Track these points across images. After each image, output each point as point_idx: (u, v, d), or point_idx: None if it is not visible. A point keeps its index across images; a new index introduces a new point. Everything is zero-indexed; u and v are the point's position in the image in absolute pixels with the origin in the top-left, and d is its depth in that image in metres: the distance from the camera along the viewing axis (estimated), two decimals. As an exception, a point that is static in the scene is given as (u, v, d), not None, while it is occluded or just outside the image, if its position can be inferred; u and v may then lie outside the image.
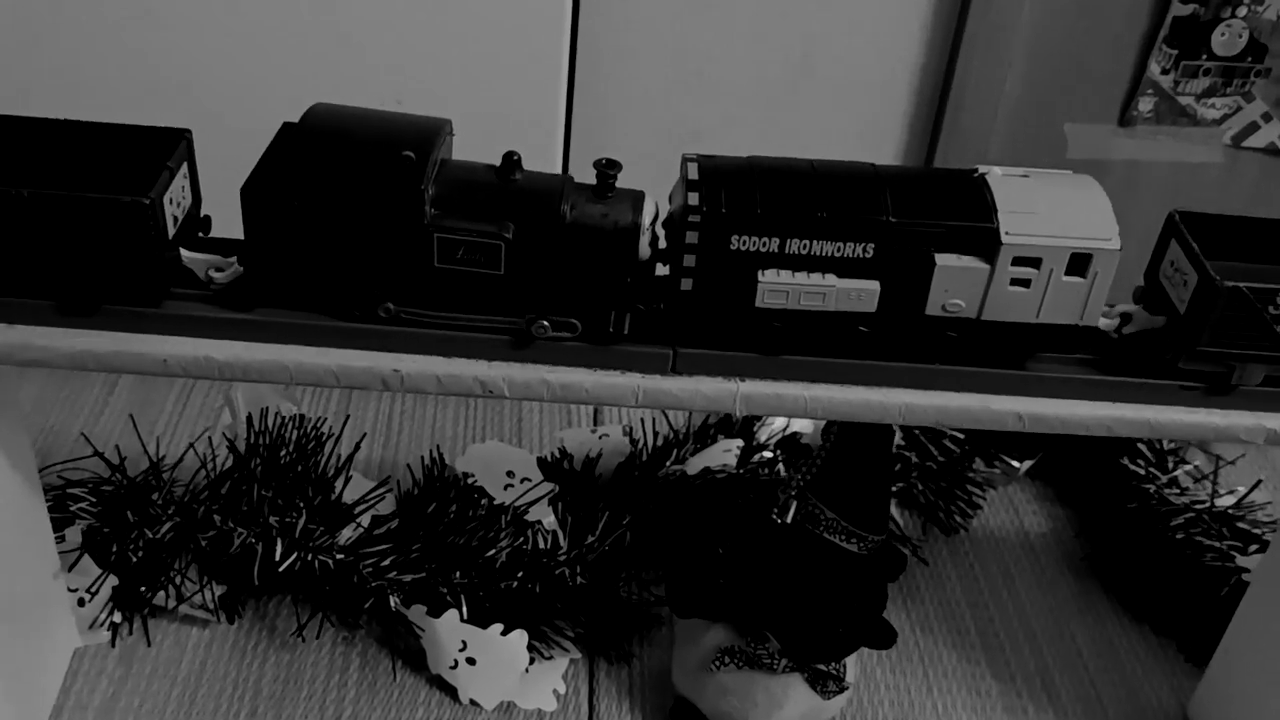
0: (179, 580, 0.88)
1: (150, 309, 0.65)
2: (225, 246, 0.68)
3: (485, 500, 0.93)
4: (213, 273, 0.67)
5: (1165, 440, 1.07)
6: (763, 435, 1.06)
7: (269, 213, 0.64)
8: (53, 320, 0.65)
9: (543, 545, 0.91)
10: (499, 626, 0.85)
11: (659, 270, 0.67)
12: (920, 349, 0.67)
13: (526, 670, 0.86)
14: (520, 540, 0.90)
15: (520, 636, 0.85)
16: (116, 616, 0.88)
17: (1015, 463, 1.10)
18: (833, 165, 0.67)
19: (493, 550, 0.89)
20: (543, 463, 1.00)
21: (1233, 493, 1.03)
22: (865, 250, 0.64)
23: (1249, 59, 1.14)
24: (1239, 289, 0.64)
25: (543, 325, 0.65)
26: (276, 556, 0.86)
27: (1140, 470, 1.05)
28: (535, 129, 1.12)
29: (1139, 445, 1.07)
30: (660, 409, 0.91)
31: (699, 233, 0.64)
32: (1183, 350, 0.67)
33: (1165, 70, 1.14)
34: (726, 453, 1.01)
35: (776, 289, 0.65)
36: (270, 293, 0.66)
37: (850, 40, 1.17)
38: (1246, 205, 1.21)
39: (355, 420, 1.10)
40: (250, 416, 0.92)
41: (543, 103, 1.12)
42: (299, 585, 0.89)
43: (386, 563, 0.87)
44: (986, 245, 0.64)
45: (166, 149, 0.66)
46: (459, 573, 0.87)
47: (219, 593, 0.89)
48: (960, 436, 1.07)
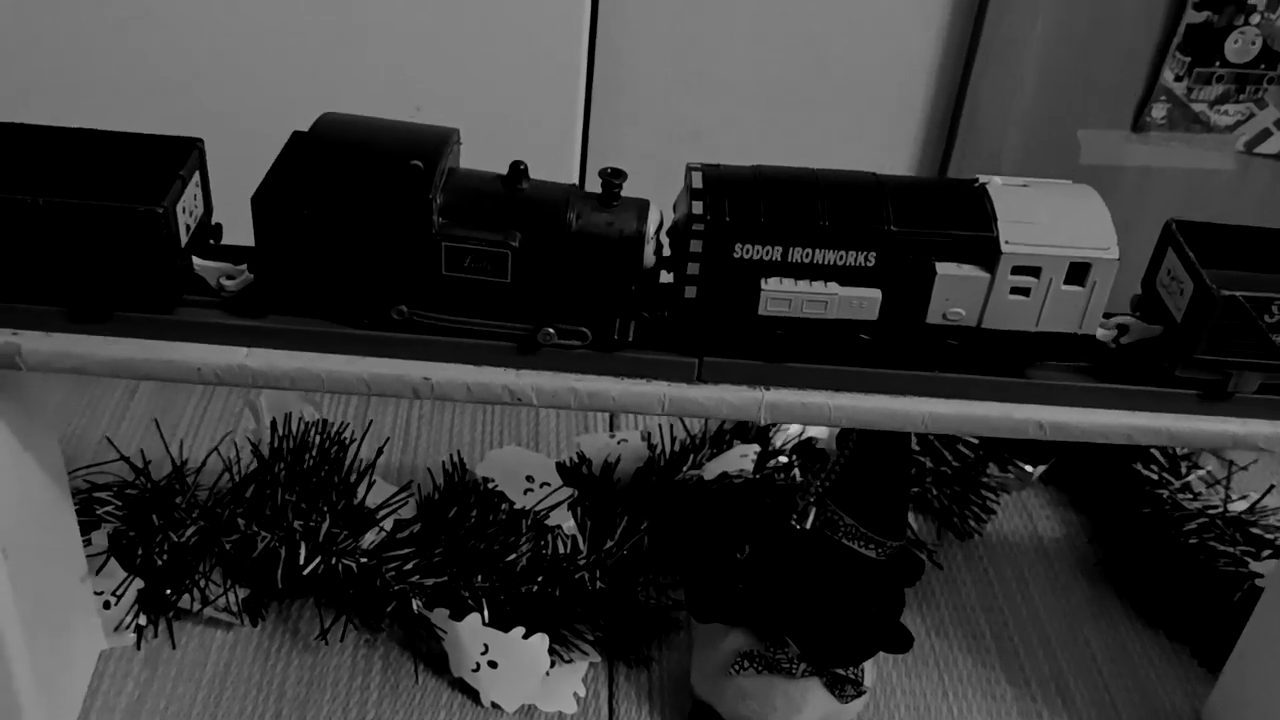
0: (203, 583, 0.89)
1: (165, 316, 0.66)
2: (236, 254, 0.69)
3: (506, 505, 0.94)
4: (224, 280, 0.68)
5: (1179, 445, 1.08)
6: (778, 440, 1.07)
7: (280, 221, 0.64)
8: (73, 328, 0.65)
9: (563, 550, 0.92)
10: (521, 630, 0.85)
11: (663, 277, 0.68)
12: (921, 357, 0.68)
13: (547, 673, 0.87)
14: (540, 545, 0.91)
15: (542, 640, 0.86)
16: (141, 619, 0.89)
17: (1028, 467, 1.11)
18: (835, 175, 0.67)
19: (514, 555, 0.89)
20: (561, 467, 1.01)
21: (1244, 498, 1.04)
22: (867, 259, 0.65)
23: (1262, 66, 1.15)
24: (1235, 298, 0.65)
25: (548, 332, 0.66)
26: (301, 560, 0.86)
27: (1153, 475, 1.06)
28: (553, 134, 1.13)
29: (1152, 450, 1.08)
30: (685, 417, 0.91)
31: (703, 241, 0.64)
32: (1180, 358, 0.68)
33: (1179, 77, 1.15)
34: (743, 458, 1.02)
35: (779, 297, 0.65)
36: (281, 300, 0.67)
37: (866, 49, 1.17)
38: (1258, 211, 1.22)
39: (374, 425, 1.11)
40: (274, 421, 0.93)
41: (560, 108, 1.12)
42: (322, 588, 0.90)
43: (409, 566, 0.88)
44: (987, 254, 0.65)
45: (179, 158, 0.67)
46: (480, 576, 0.88)
47: (242, 596, 0.90)
48: (974, 441, 1.07)
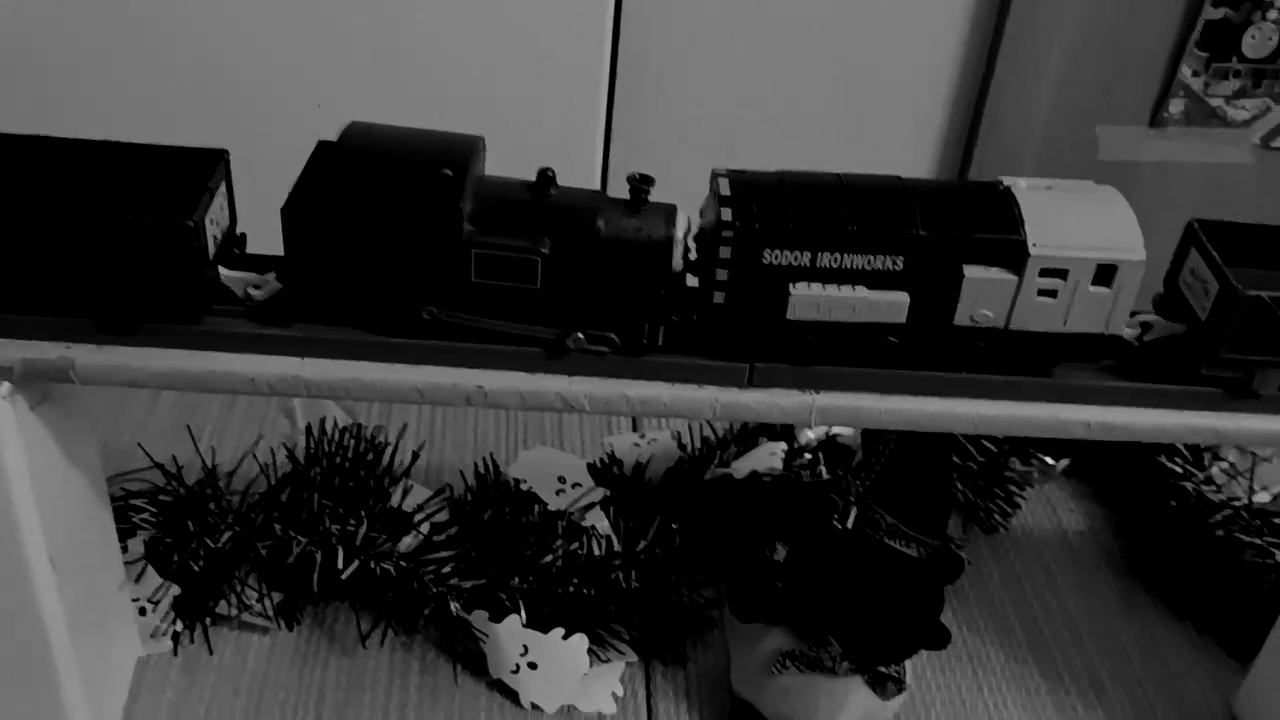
0: (240, 588, 0.89)
1: (197, 326, 0.66)
2: (260, 263, 0.69)
3: (539, 506, 0.94)
4: (251, 290, 0.68)
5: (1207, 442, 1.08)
6: (802, 438, 1.07)
7: (310, 231, 0.64)
8: (122, 341, 0.65)
9: (597, 551, 0.92)
10: (560, 631, 0.86)
11: (689, 282, 0.68)
12: (948, 359, 0.68)
13: (584, 674, 0.87)
14: (575, 545, 0.91)
15: (581, 640, 0.86)
16: (178, 625, 0.89)
17: (1051, 461, 1.11)
18: (861, 179, 0.67)
19: (549, 556, 0.90)
20: (592, 468, 1.01)
21: (1266, 489, 1.05)
22: (895, 263, 0.65)
23: (1278, 61, 1.15)
24: (1261, 298, 0.66)
25: (578, 337, 0.66)
26: (339, 564, 0.87)
27: (1178, 468, 1.06)
28: (576, 140, 1.14)
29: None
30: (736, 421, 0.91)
31: (732, 247, 0.65)
32: (1205, 357, 0.69)
33: (1196, 73, 1.15)
34: (772, 455, 1.02)
35: (808, 302, 0.65)
36: (310, 308, 0.67)
37: (887, 51, 1.18)
38: (1275, 204, 1.23)
39: (399, 427, 1.11)
40: (309, 426, 0.93)
41: (583, 114, 1.13)
42: (358, 592, 0.90)
43: (447, 569, 0.88)
44: (1014, 257, 0.65)
45: (206, 170, 0.67)
46: (517, 578, 0.89)
47: (277, 600, 0.90)
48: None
